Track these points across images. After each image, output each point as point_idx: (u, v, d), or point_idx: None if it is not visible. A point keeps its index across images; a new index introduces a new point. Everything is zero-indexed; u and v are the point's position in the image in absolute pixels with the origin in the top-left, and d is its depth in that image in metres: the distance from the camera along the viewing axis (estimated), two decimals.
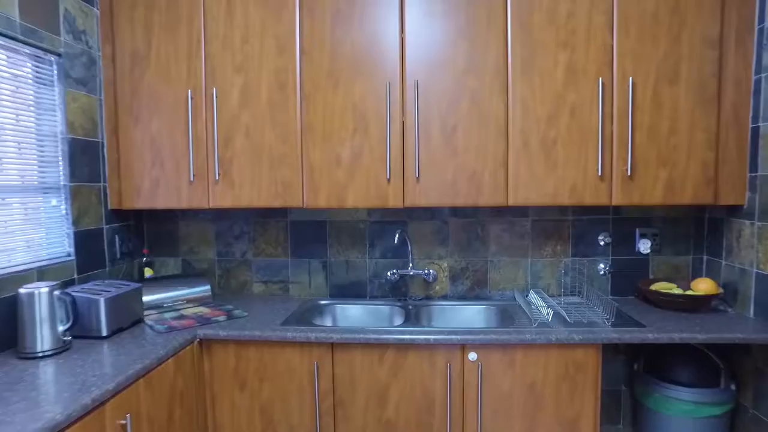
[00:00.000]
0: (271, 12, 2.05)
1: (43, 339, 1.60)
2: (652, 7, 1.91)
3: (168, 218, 2.49)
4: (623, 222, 2.30)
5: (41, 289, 1.60)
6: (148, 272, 2.40)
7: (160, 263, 2.50)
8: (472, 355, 1.80)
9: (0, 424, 1.13)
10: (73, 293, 1.77)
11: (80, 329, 1.77)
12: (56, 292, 1.63)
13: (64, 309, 1.66)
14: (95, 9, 2.10)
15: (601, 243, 2.31)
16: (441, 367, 1.82)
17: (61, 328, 1.64)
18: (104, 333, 1.77)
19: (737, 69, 1.91)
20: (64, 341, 1.65)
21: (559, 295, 2.32)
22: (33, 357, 1.58)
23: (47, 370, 1.47)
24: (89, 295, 1.77)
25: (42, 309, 1.59)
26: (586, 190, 1.98)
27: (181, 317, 2.03)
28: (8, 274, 1.67)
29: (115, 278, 2.25)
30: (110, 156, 2.17)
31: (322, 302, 2.32)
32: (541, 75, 1.96)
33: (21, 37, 1.71)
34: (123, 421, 1.41)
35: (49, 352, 1.60)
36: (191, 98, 2.09)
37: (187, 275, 2.36)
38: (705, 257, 2.26)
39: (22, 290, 1.59)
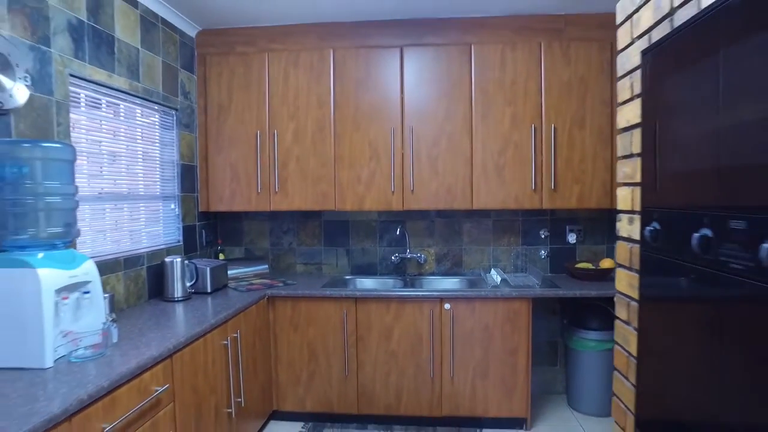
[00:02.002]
0: (315, 78, 3.04)
1: (178, 290, 2.58)
2: (567, 78, 2.90)
3: (235, 218, 3.47)
4: (557, 221, 3.27)
5: (177, 259, 2.59)
6: (221, 256, 3.38)
7: (229, 250, 3.49)
8: (447, 306, 2.76)
9: (178, 329, 2.11)
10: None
11: (193, 287, 2.74)
12: (186, 261, 2.62)
13: (189, 272, 2.64)
14: (194, 76, 3.11)
15: (542, 236, 3.28)
16: (426, 314, 2.78)
17: (188, 284, 2.62)
18: (209, 290, 2.75)
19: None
20: (189, 293, 2.63)
21: (512, 272, 3.29)
22: (173, 301, 2.56)
23: (185, 308, 2.44)
24: (200, 265, 2.75)
25: (177, 271, 2.57)
26: (525, 199, 2.95)
27: (252, 284, 3.01)
28: (155, 250, 2.66)
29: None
30: (201, 175, 3.16)
31: (346, 277, 3.30)
32: (494, 122, 2.95)
33: (162, 102, 2.72)
34: (235, 335, 2.38)
35: (181, 299, 2.58)
36: (259, 136, 3.08)
37: (249, 258, 3.35)
38: (615, 245, 3.22)
39: (166, 259, 2.58)
